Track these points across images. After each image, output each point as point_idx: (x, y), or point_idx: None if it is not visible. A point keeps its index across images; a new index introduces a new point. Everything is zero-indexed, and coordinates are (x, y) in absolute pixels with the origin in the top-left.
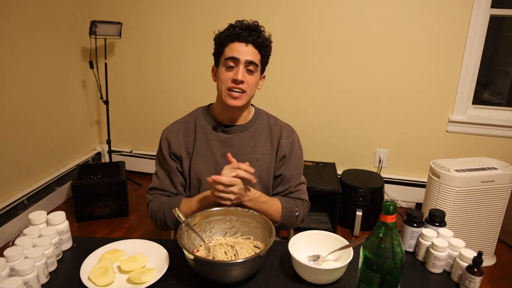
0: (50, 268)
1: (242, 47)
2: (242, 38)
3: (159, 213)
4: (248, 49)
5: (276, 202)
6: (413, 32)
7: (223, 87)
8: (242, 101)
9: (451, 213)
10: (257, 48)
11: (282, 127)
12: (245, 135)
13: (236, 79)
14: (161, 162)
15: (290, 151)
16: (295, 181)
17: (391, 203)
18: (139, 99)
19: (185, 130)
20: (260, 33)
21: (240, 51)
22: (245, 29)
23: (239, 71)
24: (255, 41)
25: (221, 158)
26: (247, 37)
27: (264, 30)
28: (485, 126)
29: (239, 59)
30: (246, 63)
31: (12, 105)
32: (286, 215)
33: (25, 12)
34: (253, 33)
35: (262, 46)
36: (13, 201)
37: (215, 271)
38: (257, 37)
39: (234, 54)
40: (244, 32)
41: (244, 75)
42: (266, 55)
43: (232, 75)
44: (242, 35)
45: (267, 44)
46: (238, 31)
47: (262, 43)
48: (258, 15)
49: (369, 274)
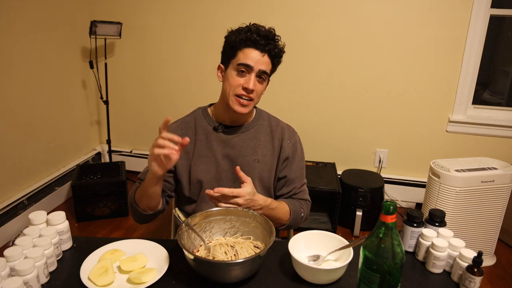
0: (50, 268)
1: (257, 56)
2: (259, 46)
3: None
4: (263, 58)
5: (284, 206)
6: (413, 32)
7: (231, 92)
8: (249, 108)
9: (451, 213)
10: (271, 58)
11: (284, 128)
12: (246, 136)
13: (247, 87)
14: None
15: (293, 152)
16: (299, 183)
17: (391, 203)
18: (139, 99)
19: (184, 130)
20: (276, 43)
21: (255, 59)
22: (263, 37)
23: (251, 79)
24: (271, 50)
25: (222, 159)
26: (264, 46)
27: (280, 39)
28: (485, 126)
29: (253, 67)
30: (258, 72)
31: (12, 105)
32: (294, 218)
33: (25, 12)
34: (271, 42)
35: (277, 56)
36: (13, 201)
37: (215, 271)
38: (274, 47)
39: (248, 61)
40: (262, 40)
41: (255, 83)
42: (277, 64)
43: (243, 82)
44: (259, 43)
45: (281, 55)
46: (256, 37)
47: (277, 54)
48: (258, 14)
49: (369, 274)
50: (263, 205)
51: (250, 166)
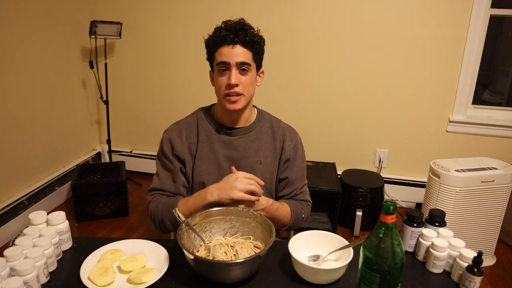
0: (50, 268)
1: (230, 50)
2: (229, 40)
3: (157, 214)
4: (237, 50)
5: (286, 207)
6: (413, 32)
7: (221, 93)
8: (241, 103)
9: (451, 213)
10: (246, 47)
11: (285, 129)
12: (248, 137)
13: (229, 83)
14: (163, 163)
15: (294, 154)
16: (300, 184)
17: (391, 203)
18: (139, 99)
19: (187, 131)
20: (246, 31)
21: (229, 54)
22: (231, 30)
23: (231, 74)
24: (242, 40)
25: (224, 161)
26: (233, 39)
27: (251, 27)
28: (485, 126)
29: (229, 62)
30: (237, 65)
31: (12, 105)
32: (295, 218)
33: (25, 12)
34: (240, 33)
35: (251, 43)
36: (13, 201)
37: (215, 271)
38: (244, 35)
39: (224, 58)
40: (230, 34)
41: (238, 77)
42: (258, 51)
43: (226, 80)
44: (228, 37)
45: (256, 40)
46: (224, 33)
47: (250, 40)
48: (259, 14)
49: (369, 274)
50: (266, 205)
51: (252, 167)
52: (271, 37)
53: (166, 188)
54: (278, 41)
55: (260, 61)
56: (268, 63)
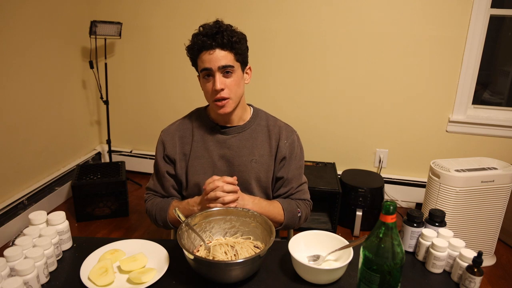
0: (50, 268)
1: (210, 56)
2: (207, 46)
3: (152, 214)
4: (216, 54)
5: (277, 205)
6: (413, 32)
7: (209, 99)
8: (230, 106)
9: (451, 213)
10: (225, 49)
11: (281, 127)
12: (242, 136)
13: (215, 89)
14: (155, 165)
15: (290, 152)
16: (297, 183)
17: (391, 203)
18: (139, 99)
19: (181, 131)
20: (223, 33)
21: (209, 60)
22: (207, 35)
23: (216, 80)
24: (220, 43)
25: (219, 160)
26: (211, 44)
27: (228, 27)
28: (485, 126)
29: (211, 68)
30: (220, 69)
31: (12, 105)
32: (289, 217)
33: (25, 12)
34: (217, 36)
35: (230, 44)
36: (13, 201)
37: (215, 271)
38: (221, 38)
39: (205, 65)
40: (208, 40)
41: (223, 81)
42: (240, 50)
43: (212, 86)
44: (206, 43)
45: (235, 40)
46: (202, 39)
47: (229, 42)
48: (258, 15)
49: (369, 274)
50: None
51: (246, 166)
52: (271, 38)
53: (157, 190)
54: (278, 42)
55: (244, 59)
56: (268, 63)
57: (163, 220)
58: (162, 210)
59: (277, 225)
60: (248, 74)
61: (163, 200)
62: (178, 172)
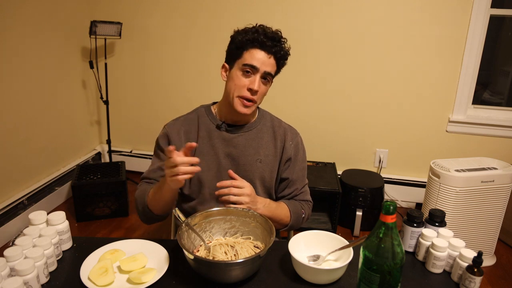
0: (50, 268)
1: (264, 57)
2: (265, 47)
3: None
4: (269, 60)
5: (284, 207)
6: (413, 32)
7: (236, 93)
8: (252, 109)
9: (451, 213)
10: (276, 60)
11: (286, 129)
12: (248, 135)
13: (252, 88)
14: (157, 154)
15: (295, 154)
16: (301, 184)
17: (391, 203)
18: (139, 99)
19: (187, 127)
20: (282, 45)
21: (261, 60)
22: (270, 39)
23: (256, 80)
24: (277, 53)
25: (224, 158)
26: (270, 48)
27: (285, 41)
28: (485, 126)
29: (258, 68)
30: (263, 74)
31: (12, 105)
32: (295, 219)
33: (25, 12)
34: (277, 44)
35: (282, 58)
36: (13, 201)
37: (215, 271)
38: (280, 49)
39: (254, 62)
40: (269, 42)
41: (260, 84)
42: (282, 66)
43: (248, 83)
44: (266, 44)
45: (287, 57)
46: (263, 38)
47: (283, 56)
48: (258, 15)
49: (369, 274)
50: (263, 204)
51: (251, 166)
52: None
53: (153, 177)
54: None
55: (277, 74)
56: None
57: (143, 203)
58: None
59: (282, 226)
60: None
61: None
62: None
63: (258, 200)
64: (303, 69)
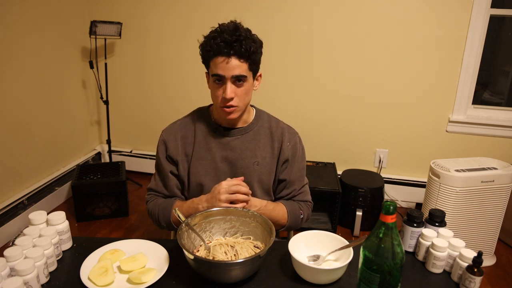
0: (50, 268)
1: (225, 63)
2: (223, 52)
3: (154, 214)
4: (232, 63)
5: (282, 208)
6: (413, 32)
7: (217, 104)
8: (237, 113)
9: (451, 213)
10: (241, 58)
11: (284, 129)
12: (245, 138)
13: (224, 97)
14: (156, 165)
15: (292, 154)
16: (299, 184)
17: (391, 203)
18: (139, 99)
19: (183, 131)
20: (241, 42)
21: (224, 67)
22: (226, 42)
23: (227, 88)
24: (237, 52)
25: (221, 162)
26: (229, 51)
27: (247, 34)
28: (485, 126)
29: (224, 76)
30: (233, 78)
31: (12, 105)
32: (292, 220)
33: (25, 12)
34: (234, 45)
35: (247, 54)
36: (13, 201)
37: (215, 271)
38: (239, 47)
39: (219, 71)
40: (225, 47)
41: (234, 90)
42: (255, 59)
43: (222, 93)
44: (223, 50)
45: (253, 50)
46: (219, 44)
47: (246, 52)
48: (258, 15)
49: (369, 274)
50: (260, 206)
51: (249, 169)
52: (271, 39)
53: (159, 189)
54: (277, 42)
55: (257, 68)
56: (268, 64)
57: (166, 220)
58: (165, 210)
59: (280, 227)
60: (258, 81)
61: (166, 200)
62: (181, 173)
63: (256, 202)
64: (303, 69)
